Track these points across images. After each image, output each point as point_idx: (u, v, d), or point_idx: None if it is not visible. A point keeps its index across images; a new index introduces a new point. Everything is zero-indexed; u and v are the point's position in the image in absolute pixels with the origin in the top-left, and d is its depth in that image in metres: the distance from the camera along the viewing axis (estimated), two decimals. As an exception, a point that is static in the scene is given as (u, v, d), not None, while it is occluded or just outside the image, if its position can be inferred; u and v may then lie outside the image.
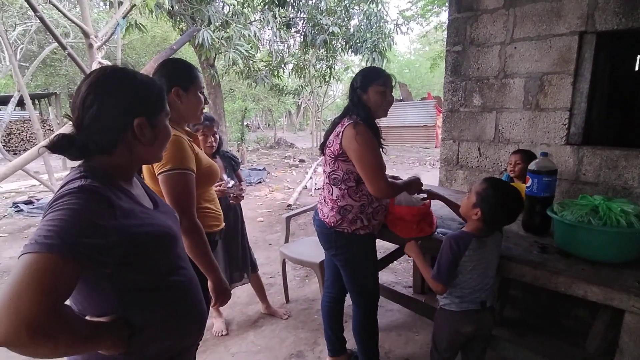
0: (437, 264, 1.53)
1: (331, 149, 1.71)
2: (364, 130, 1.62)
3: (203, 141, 2.26)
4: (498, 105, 2.68)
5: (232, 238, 2.46)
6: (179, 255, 1.01)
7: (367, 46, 10.11)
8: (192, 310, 1.02)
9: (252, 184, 7.52)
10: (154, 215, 0.93)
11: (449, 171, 3.02)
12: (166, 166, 1.33)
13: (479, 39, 2.72)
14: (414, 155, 12.69)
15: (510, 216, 1.49)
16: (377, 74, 1.74)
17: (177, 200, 1.33)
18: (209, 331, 2.56)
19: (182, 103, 1.44)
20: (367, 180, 1.64)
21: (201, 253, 1.37)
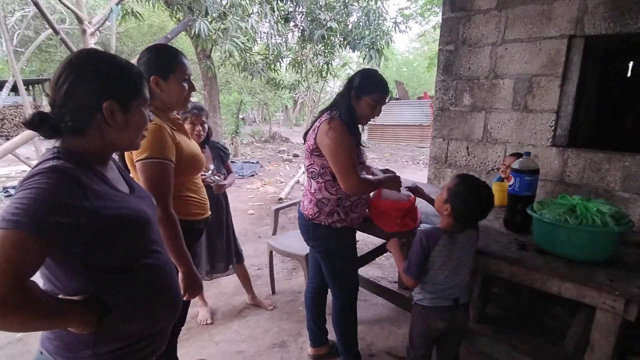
0: (408, 259, 1.58)
1: (308, 143, 1.74)
2: (338, 126, 1.63)
3: (190, 130, 2.26)
4: (487, 105, 2.72)
5: (216, 228, 2.47)
6: (154, 239, 1.02)
7: (364, 43, 10.11)
8: (165, 293, 1.03)
9: (244, 177, 7.52)
10: (128, 199, 0.95)
11: (437, 169, 3.05)
12: (143, 154, 1.34)
13: (471, 38, 2.74)
14: (408, 154, 12.75)
15: (480, 211, 1.50)
16: (377, 86, 1.69)
17: (152, 188, 1.32)
18: (194, 319, 2.58)
19: (162, 91, 1.44)
20: (338, 176, 1.66)
21: (173, 243, 1.36)
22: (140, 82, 0.95)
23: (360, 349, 2.10)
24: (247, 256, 3.78)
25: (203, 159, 1.64)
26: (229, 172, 2.58)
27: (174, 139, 1.45)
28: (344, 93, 1.73)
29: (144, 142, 1.34)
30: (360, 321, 2.51)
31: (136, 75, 0.94)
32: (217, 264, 2.55)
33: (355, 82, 1.70)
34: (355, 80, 1.70)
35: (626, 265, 1.50)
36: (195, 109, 2.24)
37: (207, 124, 2.34)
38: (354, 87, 1.70)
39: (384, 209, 1.91)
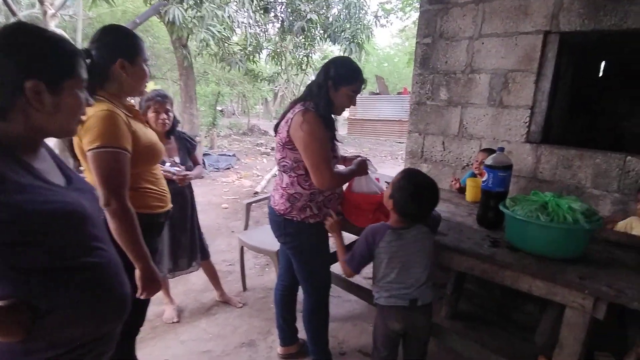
0: (352, 250, 1.57)
1: (280, 136, 1.65)
2: (312, 118, 1.56)
3: (154, 118, 2.14)
4: (464, 100, 2.69)
5: (179, 223, 2.35)
6: (95, 235, 0.93)
7: (345, 36, 10.05)
8: (109, 294, 0.95)
9: (220, 170, 7.36)
10: (60, 192, 0.85)
11: (413, 164, 3.02)
12: (95, 143, 1.23)
13: (449, 32, 2.71)
14: (387, 149, 12.80)
15: (421, 206, 1.47)
16: (355, 77, 1.65)
17: (105, 180, 1.23)
18: (160, 318, 2.47)
19: (127, 76, 1.36)
20: (310, 171, 1.59)
21: (129, 239, 1.27)
22: (75, 61, 0.84)
23: (331, 347, 2.05)
24: (219, 251, 3.70)
25: (162, 148, 1.54)
26: (195, 164, 2.46)
27: (130, 127, 1.34)
28: (322, 84, 1.64)
29: (95, 130, 1.23)
30: (333, 318, 2.46)
31: (69, 53, 0.84)
32: (179, 261, 2.42)
33: (332, 72, 1.63)
34: (332, 70, 1.63)
35: (595, 262, 1.49)
36: (159, 97, 2.12)
37: (172, 113, 2.22)
38: (331, 77, 1.63)
39: (355, 202, 1.85)
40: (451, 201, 2.27)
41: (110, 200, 1.23)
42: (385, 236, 1.48)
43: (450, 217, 1.98)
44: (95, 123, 1.23)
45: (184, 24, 6.82)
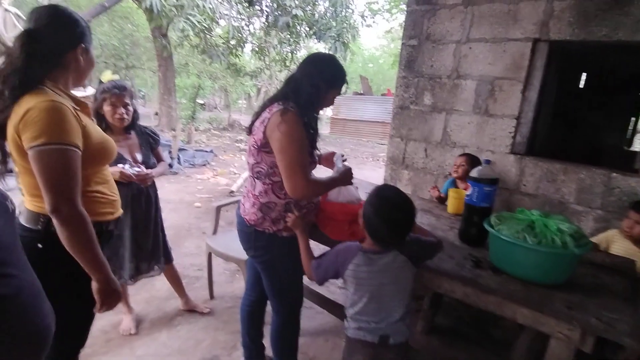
0: (321, 259, 1.43)
1: (255, 138, 1.49)
2: (292, 118, 1.41)
3: (111, 113, 1.94)
4: (448, 106, 2.59)
5: (142, 225, 2.16)
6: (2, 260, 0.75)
7: (330, 34, 9.92)
8: (18, 329, 0.78)
9: (195, 166, 7.09)
10: None
11: (394, 170, 2.91)
12: (39, 139, 1.04)
13: (436, 34, 2.60)
14: (369, 150, 12.74)
15: (391, 229, 1.27)
16: (344, 77, 1.59)
17: (52, 183, 1.06)
18: (116, 329, 2.27)
19: (82, 63, 1.23)
20: (283, 176, 1.43)
21: (83, 248, 1.12)
22: None
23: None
24: (187, 254, 3.49)
25: (113, 145, 1.35)
26: (159, 161, 2.26)
27: (80, 121, 1.16)
28: (315, 84, 1.49)
29: (39, 124, 1.04)
30: (303, 332, 2.31)
31: None
32: (141, 264, 2.23)
33: (327, 73, 1.52)
34: (328, 71, 1.53)
35: (582, 288, 1.39)
36: (116, 88, 1.92)
37: (131, 106, 2.02)
38: (326, 79, 1.51)
39: (329, 212, 1.70)
40: (432, 212, 2.16)
41: (59, 206, 1.06)
42: (355, 258, 1.32)
43: (431, 230, 1.86)
44: (39, 116, 1.05)
45: (162, 12, 6.54)
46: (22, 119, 1.06)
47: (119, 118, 1.96)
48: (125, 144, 2.07)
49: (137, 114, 2.09)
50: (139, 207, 2.12)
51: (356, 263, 1.31)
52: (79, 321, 1.32)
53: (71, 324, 1.30)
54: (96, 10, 3.53)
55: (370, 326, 1.34)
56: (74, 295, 1.22)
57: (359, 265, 1.31)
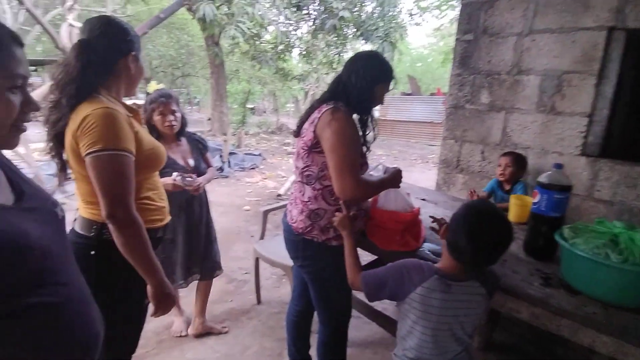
0: (375, 273, 1.23)
1: (304, 140, 1.44)
2: (342, 117, 1.35)
3: (161, 121, 1.99)
4: (508, 104, 2.39)
5: (195, 229, 2.19)
6: (49, 268, 0.75)
7: (378, 35, 9.77)
8: (67, 338, 0.78)
9: (244, 170, 7.26)
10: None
11: (447, 174, 2.74)
12: (95, 146, 1.07)
13: (494, 27, 2.41)
14: (417, 152, 12.35)
15: (473, 240, 1.05)
16: (390, 71, 1.51)
17: (109, 188, 1.08)
18: (168, 330, 2.33)
19: (133, 71, 1.26)
20: (333, 175, 1.36)
21: (138, 252, 1.14)
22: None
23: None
24: (236, 258, 3.54)
25: (163, 152, 1.37)
26: (208, 166, 2.29)
27: (132, 127, 1.18)
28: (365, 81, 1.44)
29: (95, 131, 1.07)
30: (351, 343, 2.23)
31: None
32: (193, 268, 2.26)
33: (375, 70, 1.46)
34: (374, 68, 1.46)
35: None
36: (162, 97, 1.97)
37: (179, 112, 2.06)
38: (375, 74, 1.45)
39: (379, 220, 1.60)
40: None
41: (115, 211, 1.08)
42: (428, 282, 1.11)
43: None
44: (95, 123, 1.08)
45: (215, 21, 6.78)
46: (79, 127, 1.09)
47: (168, 125, 2.00)
48: (177, 151, 2.12)
49: (185, 120, 2.13)
50: (192, 211, 2.15)
51: (428, 287, 1.11)
52: (131, 326, 1.34)
53: (123, 329, 1.32)
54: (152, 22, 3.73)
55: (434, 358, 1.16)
56: (125, 300, 1.24)
57: (431, 290, 1.10)
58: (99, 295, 1.28)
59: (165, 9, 4.39)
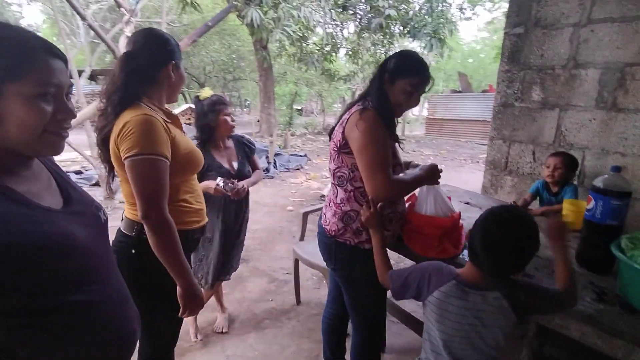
0: (402, 272, 1.23)
1: (334, 141, 1.43)
2: (370, 116, 1.32)
3: (225, 123, 2.13)
4: (563, 101, 2.21)
5: (231, 230, 2.26)
6: (90, 268, 0.80)
7: (426, 31, 9.48)
8: (103, 333, 0.82)
9: (289, 170, 7.37)
10: (44, 218, 0.71)
11: (495, 176, 2.59)
12: (132, 150, 1.14)
13: (547, 19, 2.24)
14: (467, 152, 11.84)
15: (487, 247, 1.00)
16: (413, 69, 1.40)
17: (143, 190, 1.15)
18: (211, 326, 2.43)
19: (174, 79, 1.32)
20: (364, 176, 1.33)
21: (168, 253, 1.19)
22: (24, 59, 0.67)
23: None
24: (277, 258, 3.61)
25: (200, 156, 1.42)
26: (254, 169, 2.34)
27: (169, 133, 1.24)
28: (376, 77, 1.42)
29: (133, 136, 1.14)
30: (390, 349, 2.20)
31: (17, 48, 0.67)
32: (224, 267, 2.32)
33: (390, 65, 1.40)
34: (391, 62, 1.40)
35: None
36: (224, 102, 2.14)
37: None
38: (388, 69, 1.40)
39: (416, 225, 1.54)
40: (540, 226, 1.83)
41: (149, 212, 1.14)
42: (446, 286, 1.09)
43: (540, 249, 1.56)
44: (133, 129, 1.15)
45: (262, 25, 6.95)
46: (120, 132, 1.16)
47: (231, 127, 2.15)
48: (224, 154, 2.21)
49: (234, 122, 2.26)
50: (230, 213, 2.22)
51: (445, 292, 1.09)
52: (169, 321, 1.40)
53: (160, 324, 1.39)
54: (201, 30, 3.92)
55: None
56: (162, 297, 1.30)
57: (448, 295, 1.08)
58: (138, 291, 1.36)
59: (213, 17, 4.58)
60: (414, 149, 11.98)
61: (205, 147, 2.13)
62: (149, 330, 1.43)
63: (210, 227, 2.12)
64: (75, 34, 15.64)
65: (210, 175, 2.08)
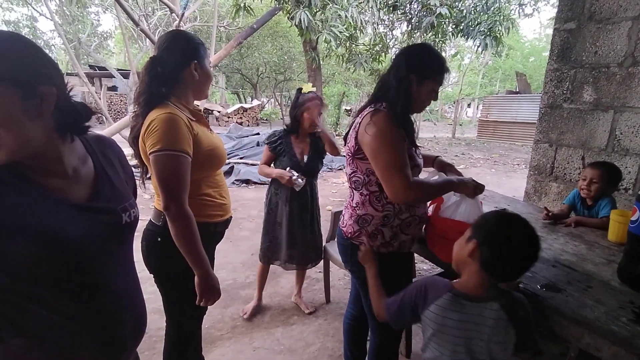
0: (396, 298, 1.20)
1: (348, 146, 1.42)
2: (382, 119, 1.29)
3: (307, 119, 2.25)
4: (618, 102, 2.02)
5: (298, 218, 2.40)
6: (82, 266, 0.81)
7: (480, 30, 9.07)
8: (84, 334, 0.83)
9: (332, 170, 7.40)
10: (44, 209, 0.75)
11: (539, 182, 2.42)
12: (156, 146, 1.22)
13: (602, 12, 2.06)
14: (521, 156, 11.14)
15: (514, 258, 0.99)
16: (442, 65, 1.37)
17: (164, 184, 1.22)
18: (241, 317, 2.51)
19: (198, 78, 1.37)
20: (381, 180, 1.30)
21: (187, 243, 1.25)
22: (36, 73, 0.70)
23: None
24: (314, 255, 3.64)
25: (224, 153, 1.47)
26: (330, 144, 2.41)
27: (191, 130, 1.30)
28: (401, 78, 1.35)
29: (157, 133, 1.22)
30: (415, 356, 2.15)
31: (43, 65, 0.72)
32: (293, 253, 2.47)
33: (417, 64, 1.35)
34: (417, 61, 1.35)
35: None
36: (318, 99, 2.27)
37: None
38: (415, 69, 1.34)
39: (440, 229, 1.48)
40: (583, 238, 1.70)
41: (169, 204, 1.22)
42: (441, 300, 1.05)
43: (576, 262, 1.46)
44: (157, 126, 1.23)
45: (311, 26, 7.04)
46: (146, 130, 1.25)
47: (312, 125, 2.26)
48: (300, 146, 2.38)
49: None
50: (296, 203, 2.37)
51: (441, 306, 1.05)
52: (192, 307, 1.46)
53: (185, 310, 1.47)
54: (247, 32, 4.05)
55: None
56: (183, 283, 1.36)
57: (444, 309, 1.04)
58: (162, 277, 1.44)
59: (258, 20, 4.71)
60: (463, 151, 11.50)
61: (288, 134, 2.35)
62: (172, 315, 1.51)
63: (280, 213, 2.36)
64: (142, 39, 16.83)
65: (283, 160, 2.31)
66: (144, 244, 1.42)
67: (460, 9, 9.20)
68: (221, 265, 3.19)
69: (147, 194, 5.17)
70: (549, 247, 1.57)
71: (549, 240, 1.63)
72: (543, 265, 1.42)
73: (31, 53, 0.70)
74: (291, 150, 2.33)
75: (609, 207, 1.75)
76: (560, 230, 1.73)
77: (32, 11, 18.68)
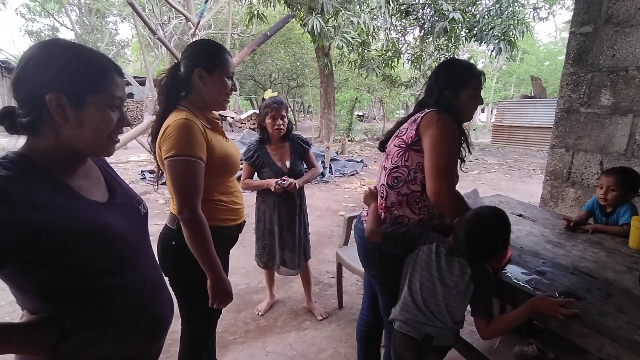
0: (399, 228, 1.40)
1: (402, 138, 1.40)
2: (449, 120, 1.31)
3: (271, 124, 2.24)
4: (638, 106, 1.98)
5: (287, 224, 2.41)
6: (127, 255, 0.90)
7: (494, 34, 8.99)
8: (138, 316, 0.91)
9: (345, 176, 7.39)
10: (88, 209, 0.82)
11: (555, 187, 2.38)
12: (170, 151, 1.25)
13: (620, 15, 2.03)
14: (537, 161, 10.95)
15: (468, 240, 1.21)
16: (472, 73, 1.44)
17: (178, 188, 1.26)
18: (254, 322, 2.52)
19: (204, 85, 1.36)
20: (429, 175, 1.29)
21: (199, 247, 1.28)
22: (103, 76, 0.81)
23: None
24: (324, 261, 3.64)
25: (237, 160, 1.49)
26: (310, 166, 2.46)
27: (205, 136, 1.33)
28: (439, 98, 1.41)
29: (171, 139, 1.26)
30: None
31: (99, 68, 0.81)
32: (285, 255, 2.48)
33: (444, 80, 1.42)
34: (443, 78, 1.42)
35: None
36: (275, 103, 2.22)
37: (287, 118, 2.30)
38: (445, 86, 1.41)
39: None
40: (603, 244, 1.66)
41: (182, 209, 1.25)
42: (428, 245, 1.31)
43: (596, 269, 1.43)
44: (172, 132, 1.26)
45: (323, 33, 7.08)
46: (162, 135, 1.28)
47: (277, 129, 2.24)
48: (278, 152, 2.36)
49: (292, 125, 2.37)
50: (284, 209, 2.38)
51: (428, 248, 1.30)
52: (205, 309, 1.47)
53: (196, 309, 1.48)
54: (260, 39, 4.11)
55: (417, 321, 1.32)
56: (197, 286, 1.37)
57: (426, 253, 1.30)
58: (177, 280, 1.46)
59: (272, 27, 4.76)
60: (477, 157, 11.37)
61: (263, 144, 2.34)
62: (187, 318, 1.53)
63: (269, 220, 2.36)
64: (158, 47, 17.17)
65: (264, 171, 2.30)
66: (160, 247, 1.45)
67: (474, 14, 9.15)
68: (234, 269, 3.21)
69: (163, 198, 5.24)
70: (567, 253, 1.55)
71: (567, 247, 1.60)
72: (561, 272, 1.39)
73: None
74: (269, 160, 2.32)
75: (628, 213, 1.70)
76: (579, 236, 1.70)
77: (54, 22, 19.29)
